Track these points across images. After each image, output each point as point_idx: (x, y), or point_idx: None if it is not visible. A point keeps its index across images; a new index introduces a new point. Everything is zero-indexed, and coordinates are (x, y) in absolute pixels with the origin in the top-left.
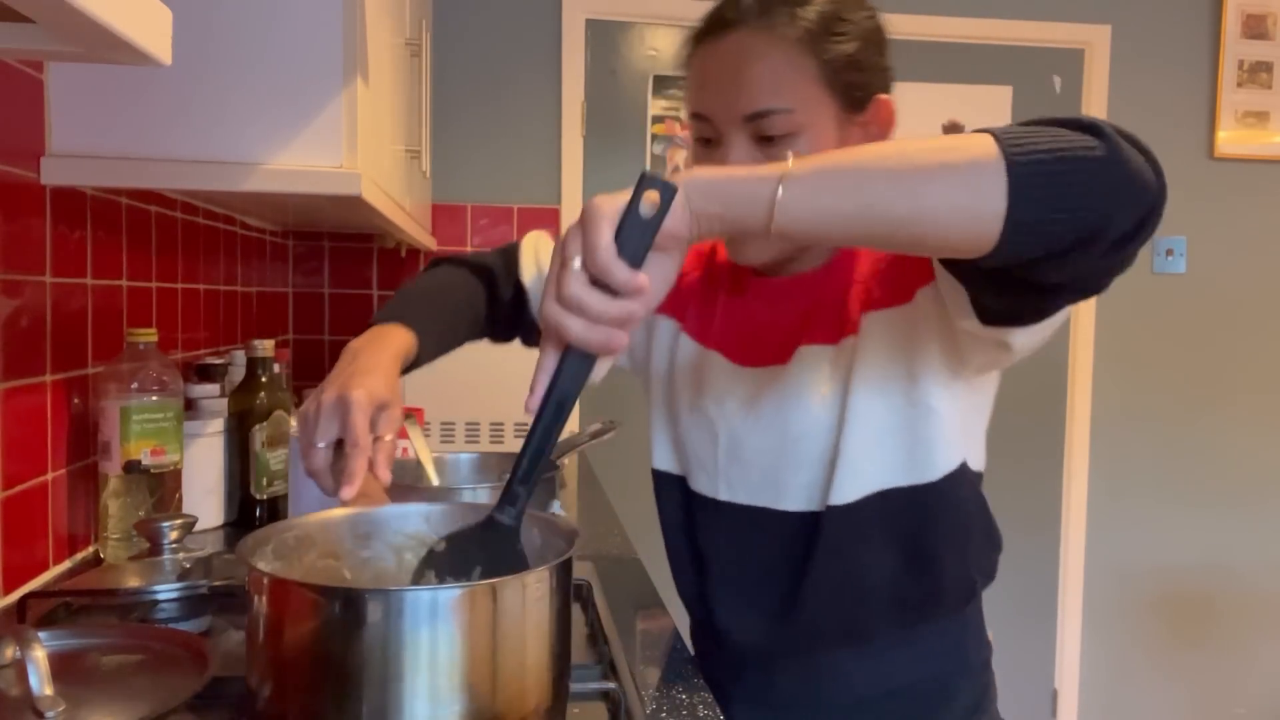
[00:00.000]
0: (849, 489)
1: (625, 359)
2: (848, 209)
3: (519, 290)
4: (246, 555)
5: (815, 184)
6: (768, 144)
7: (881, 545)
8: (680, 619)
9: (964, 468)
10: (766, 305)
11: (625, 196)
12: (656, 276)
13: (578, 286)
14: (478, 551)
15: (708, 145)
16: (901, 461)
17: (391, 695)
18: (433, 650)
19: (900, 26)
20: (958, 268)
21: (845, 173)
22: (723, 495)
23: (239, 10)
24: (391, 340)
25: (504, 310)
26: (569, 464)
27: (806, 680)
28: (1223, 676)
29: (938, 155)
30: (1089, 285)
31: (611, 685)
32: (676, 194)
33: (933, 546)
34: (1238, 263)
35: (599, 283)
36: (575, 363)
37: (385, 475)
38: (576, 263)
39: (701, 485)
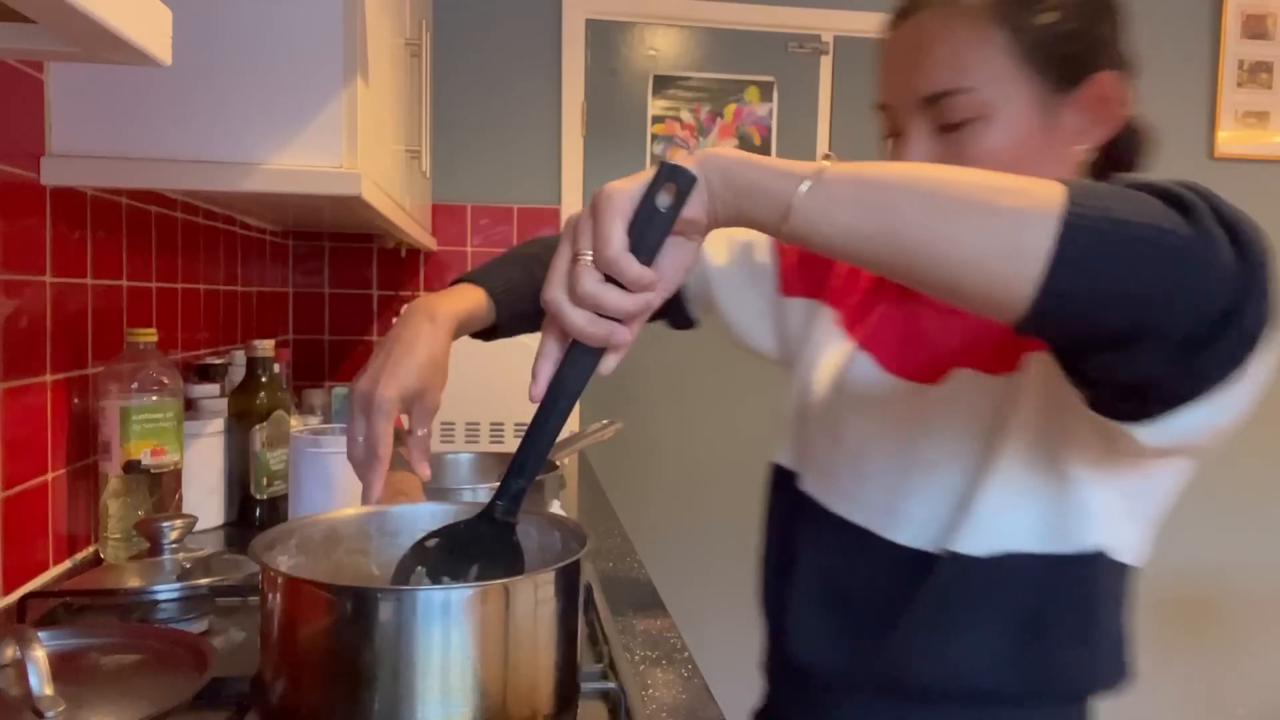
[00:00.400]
0: (979, 540)
1: (775, 346)
2: (866, 229)
3: None
4: (260, 552)
5: (840, 193)
6: (951, 131)
7: (995, 610)
8: (736, 635)
9: (1100, 556)
10: (927, 317)
11: (640, 183)
12: (672, 263)
13: (586, 279)
14: (472, 546)
15: (894, 141)
16: (1037, 525)
17: (403, 694)
18: (445, 649)
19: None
20: None
21: (876, 187)
22: (834, 506)
23: (239, 10)
24: (454, 301)
25: None
26: (569, 464)
27: None
28: (1223, 676)
29: (986, 191)
30: (1181, 389)
31: (611, 685)
32: (696, 183)
33: (1047, 629)
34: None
35: (609, 275)
36: (580, 355)
37: (423, 471)
38: (587, 254)
39: (811, 487)
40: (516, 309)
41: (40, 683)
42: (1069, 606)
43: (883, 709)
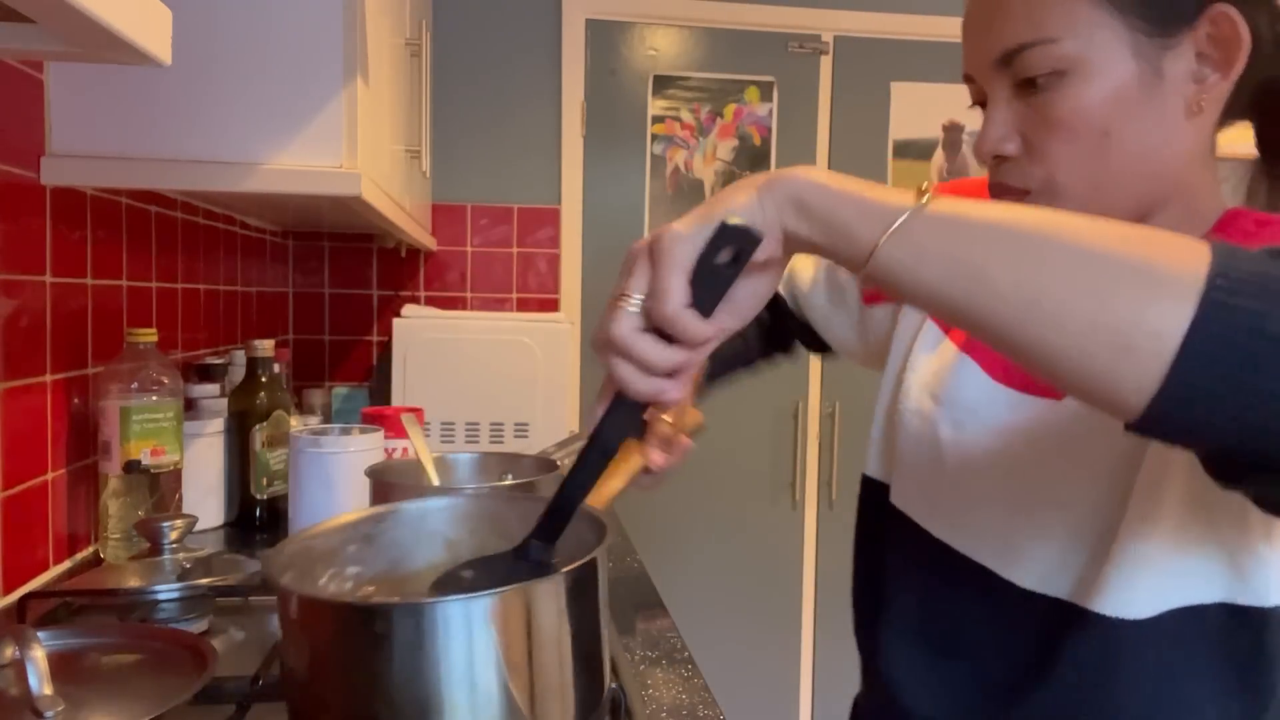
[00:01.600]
0: (1145, 597)
1: (858, 344)
2: (953, 293)
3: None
4: (276, 575)
5: (930, 246)
6: (1032, 91)
7: (1178, 676)
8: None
9: (1273, 612)
10: None
11: (703, 230)
12: (747, 299)
13: (629, 330)
14: (508, 579)
15: (978, 110)
16: (1217, 571)
17: (431, 708)
18: (469, 659)
19: (900, 26)
20: None
21: (973, 243)
22: (934, 529)
23: (239, 10)
24: None
25: (771, 324)
26: (569, 464)
27: None
28: None
29: (1111, 260)
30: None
31: (611, 685)
32: (758, 244)
33: (1228, 689)
34: None
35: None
36: (626, 408)
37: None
38: (636, 300)
39: (902, 500)
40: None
41: (40, 683)
42: (1246, 663)
43: None
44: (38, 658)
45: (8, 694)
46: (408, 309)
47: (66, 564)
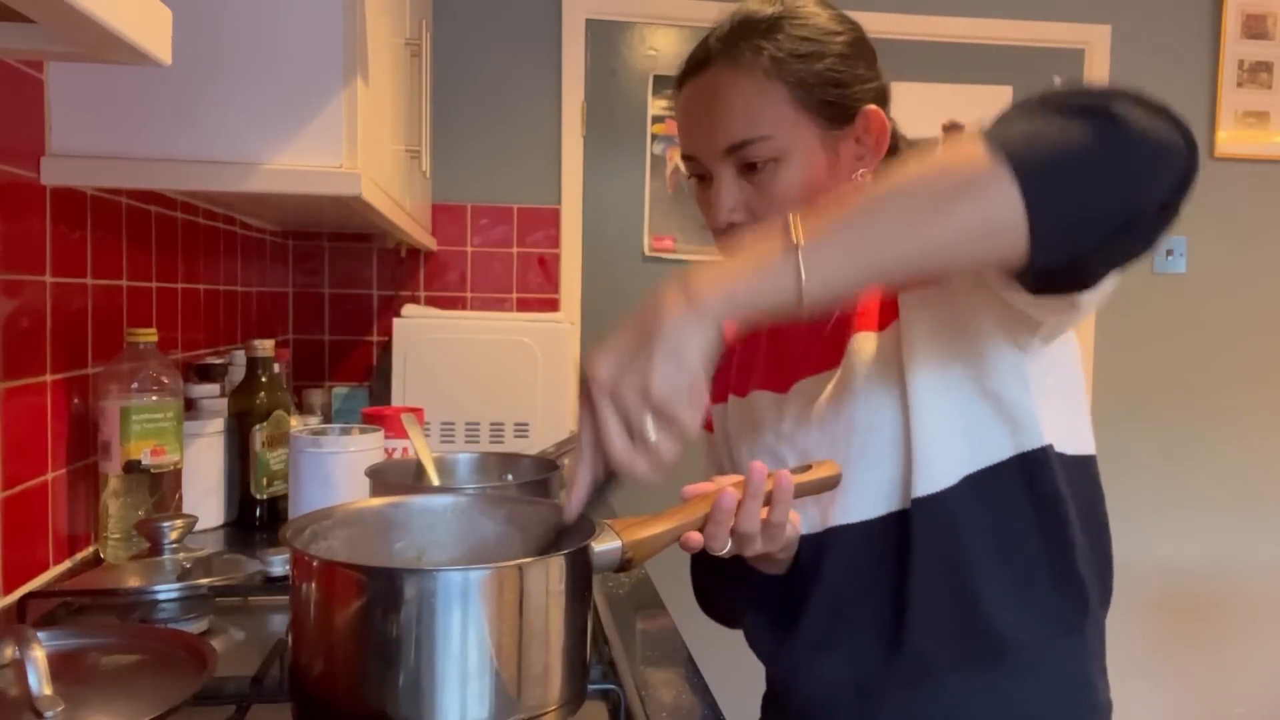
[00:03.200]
0: (933, 478)
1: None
2: (869, 272)
3: None
4: (291, 539)
5: (832, 259)
6: (751, 172)
7: (978, 538)
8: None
9: (1048, 451)
10: (802, 325)
11: (676, 373)
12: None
13: (646, 423)
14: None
15: (701, 182)
16: (978, 442)
17: (424, 668)
18: (463, 626)
19: (900, 26)
20: None
21: (855, 234)
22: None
23: (239, 10)
24: None
25: None
26: (569, 464)
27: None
28: (1223, 676)
29: (941, 185)
30: (1139, 251)
31: (611, 685)
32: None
33: (1029, 537)
34: (1238, 263)
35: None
36: (612, 482)
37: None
38: (652, 433)
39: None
40: None
41: (39, 683)
42: (1039, 512)
43: (911, 695)
44: (38, 658)
45: (8, 694)
46: (408, 309)
47: (66, 564)
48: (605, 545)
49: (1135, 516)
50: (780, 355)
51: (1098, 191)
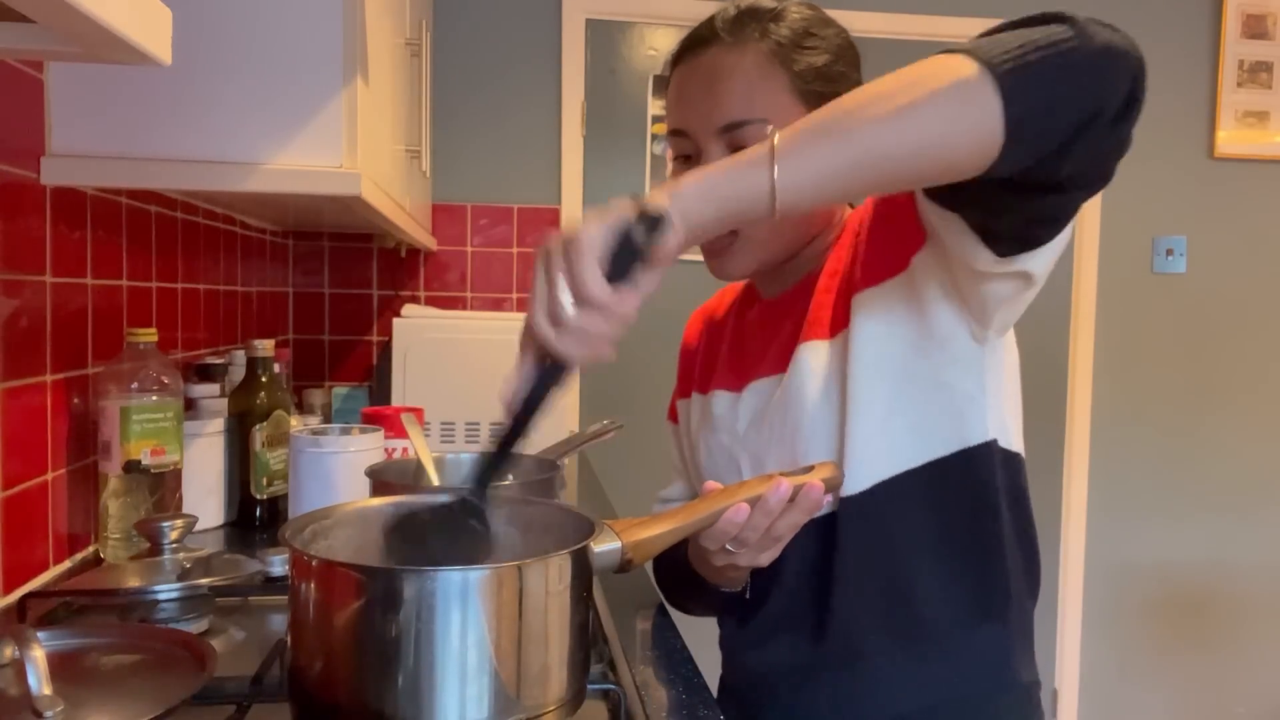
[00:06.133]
0: (858, 478)
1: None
2: (846, 165)
3: None
4: (291, 539)
5: (808, 154)
6: None
7: (911, 532)
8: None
9: (992, 446)
10: (760, 327)
11: (613, 216)
12: (651, 284)
13: (569, 308)
14: (439, 533)
15: (686, 162)
16: (914, 441)
17: (424, 668)
18: (463, 626)
19: (899, 26)
20: (959, 201)
21: (832, 132)
22: None
23: (239, 10)
24: None
25: None
26: (569, 464)
27: (842, 698)
28: (1223, 676)
29: (918, 84)
30: (1095, 175)
31: (611, 685)
32: (668, 221)
33: (960, 529)
34: (1238, 263)
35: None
36: (555, 371)
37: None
38: (563, 284)
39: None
40: None
41: (39, 683)
42: (971, 504)
43: (841, 675)
44: (37, 658)
45: (8, 694)
46: (408, 309)
47: (66, 564)
48: (605, 546)
49: (1135, 516)
50: (739, 355)
51: (1065, 81)
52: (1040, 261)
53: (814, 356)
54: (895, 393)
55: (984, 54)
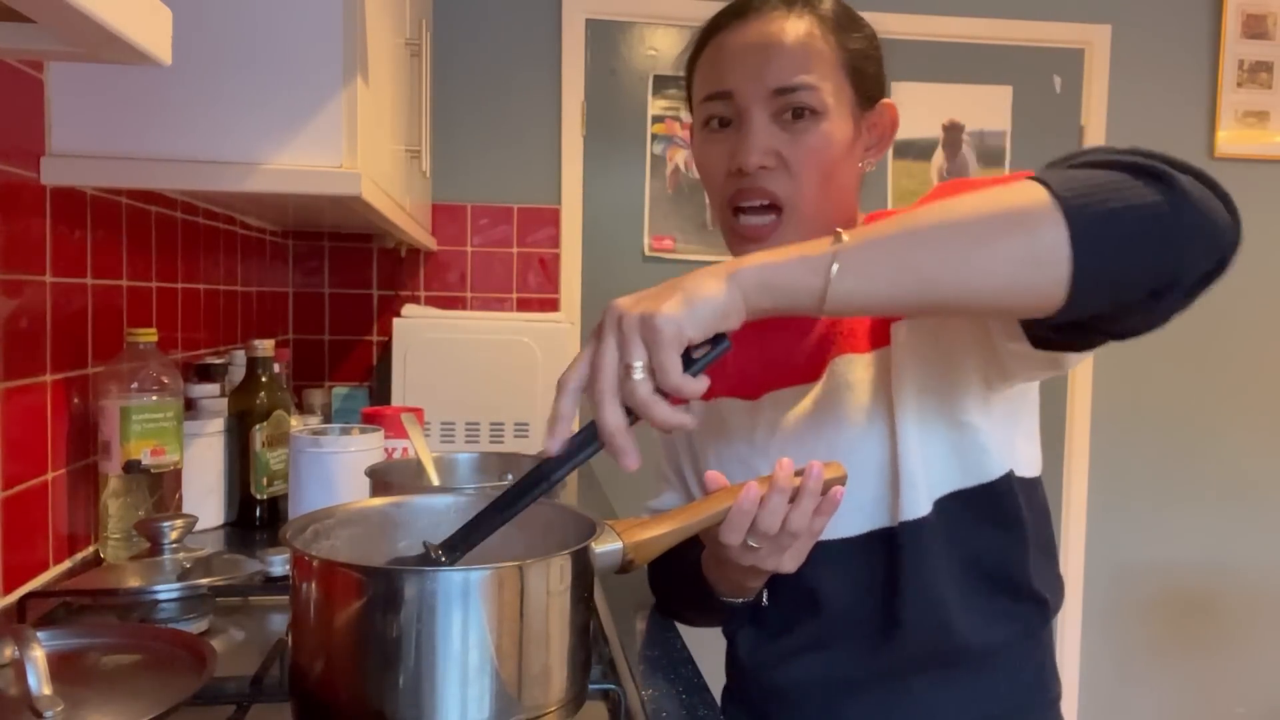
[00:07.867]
0: (916, 501)
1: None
2: (898, 292)
3: None
4: (292, 539)
5: (867, 267)
6: (791, 122)
7: (952, 557)
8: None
9: (1010, 476)
10: (778, 334)
11: (690, 319)
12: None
13: (646, 394)
14: None
15: (722, 128)
16: (954, 469)
17: (424, 669)
18: (463, 626)
19: (900, 26)
20: None
21: (897, 249)
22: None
23: (239, 10)
24: None
25: None
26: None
27: (880, 717)
28: (1223, 676)
29: (987, 218)
30: (1153, 327)
31: (611, 685)
32: (727, 346)
33: (995, 556)
34: (1238, 263)
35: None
36: (587, 448)
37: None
38: (639, 370)
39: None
40: None
41: (39, 683)
42: (1006, 531)
43: (887, 692)
44: (37, 658)
45: (7, 694)
46: (408, 309)
47: (66, 564)
48: (606, 546)
49: (1135, 516)
50: (751, 363)
51: (1146, 250)
52: (1075, 360)
53: (851, 370)
54: (927, 421)
55: (1068, 196)
